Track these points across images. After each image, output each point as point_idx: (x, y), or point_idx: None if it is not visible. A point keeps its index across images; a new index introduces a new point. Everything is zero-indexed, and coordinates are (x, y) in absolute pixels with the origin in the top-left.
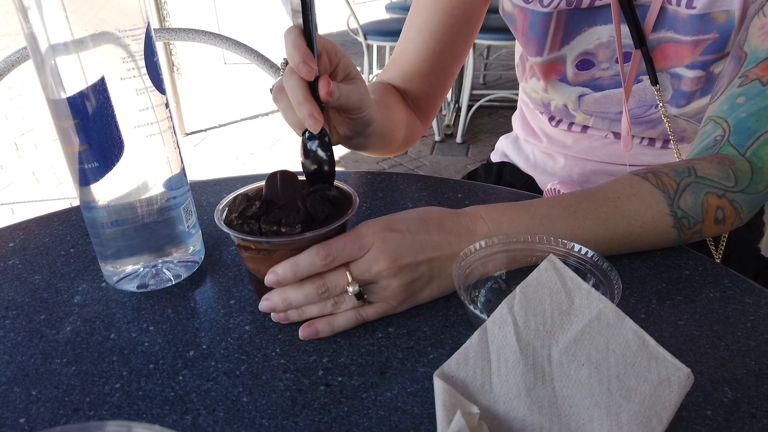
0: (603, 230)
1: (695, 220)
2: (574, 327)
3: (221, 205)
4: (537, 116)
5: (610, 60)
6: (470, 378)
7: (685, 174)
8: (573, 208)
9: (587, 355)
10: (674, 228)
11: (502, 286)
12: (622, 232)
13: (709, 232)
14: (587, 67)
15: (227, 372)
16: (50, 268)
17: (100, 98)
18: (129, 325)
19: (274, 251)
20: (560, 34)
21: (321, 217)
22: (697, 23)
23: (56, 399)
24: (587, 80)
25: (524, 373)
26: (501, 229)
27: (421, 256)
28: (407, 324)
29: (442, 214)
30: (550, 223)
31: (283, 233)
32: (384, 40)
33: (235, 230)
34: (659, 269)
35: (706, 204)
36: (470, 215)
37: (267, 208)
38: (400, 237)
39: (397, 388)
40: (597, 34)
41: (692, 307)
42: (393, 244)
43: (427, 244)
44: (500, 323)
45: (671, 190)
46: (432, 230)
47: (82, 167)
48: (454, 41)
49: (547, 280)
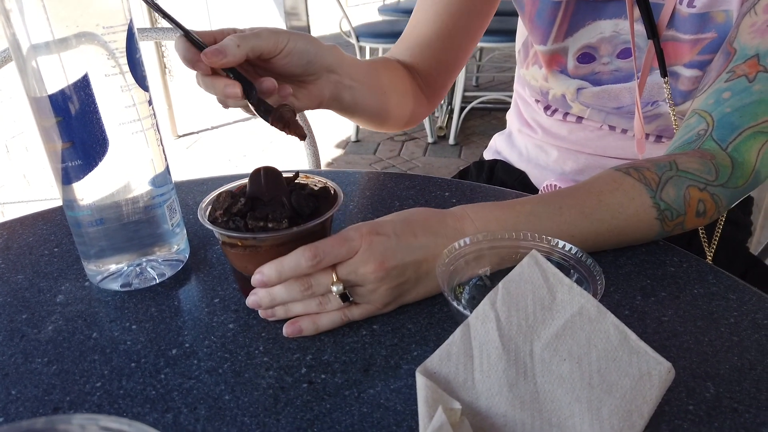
0: (588, 224)
1: (678, 212)
2: (556, 322)
3: (204, 203)
4: (532, 107)
5: (611, 55)
6: (453, 374)
7: (666, 168)
8: (558, 204)
9: (569, 350)
10: (657, 220)
11: (486, 283)
12: (606, 226)
13: (690, 225)
14: (588, 60)
15: (209, 370)
16: (33, 268)
17: (83, 96)
18: (111, 324)
19: (260, 247)
20: (566, 24)
21: (306, 212)
22: (697, 22)
23: (36, 398)
24: (587, 74)
25: (506, 368)
26: (488, 228)
27: (407, 259)
28: (392, 321)
29: (428, 216)
30: (536, 220)
31: (270, 228)
32: (377, 42)
33: (221, 227)
34: (644, 266)
35: (689, 196)
36: (457, 215)
37: (252, 204)
38: (387, 240)
39: (380, 385)
40: (600, 29)
41: (676, 303)
42: (380, 248)
43: (413, 247)
44: (483, 319)
45: (653, 183)
46: (418, 233)
47: (64, 166)
48: (469, 18)
49: (530, 276)
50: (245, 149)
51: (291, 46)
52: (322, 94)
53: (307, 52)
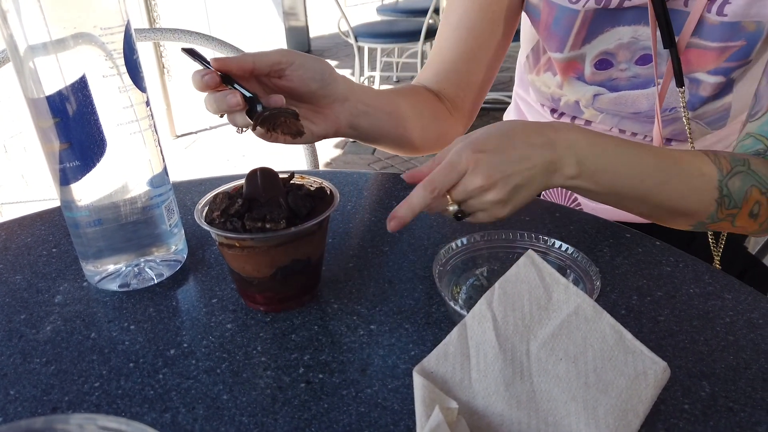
0: (659, 176)
1: (735, 203)
2: (552, 322)
3: (201, 204)
4: (537, 111)
5: (629, 61)
6: (449, 374)
7: (740, 162)
8: (638, 150)
9: (565, 350)
10: (716, 202)
11: (483, 283)
12: (674, 184)
13: (741, 222)
14: (605, 66)
15: (208, 370)
16: (31, 268)
17: (80, 97)
18: (110, 324)
19: (258, 248)
20: (584, 32)
21: (303, 213)
22: (727, 31)
23: (35, 398)
24: (604, 80)
25: (503, 368)
26: (579, 145)
27: (509, 170)
28: (389, 321)
29: (526, 128)
30: (620, 152)
31: (268, 229)
32: (375, 42)
33: (218, 228)
34: (640, 266)
35: (749, 194)
36: (553, 127)
37: (249, 205)
38: (490, 156)
39: (378, 384)
40: (618, 35)
41: (672, 302)
42: (485, 164)
43: (514, 159)
44: (479, 319)
45: (725, 169)
46: (518, 144)
47: (62, 166)
48: (493, 37)
49: (526, 276)
50: (244, 149)
51: (301, 61)
52: (338, 119)
53: (319, 69)
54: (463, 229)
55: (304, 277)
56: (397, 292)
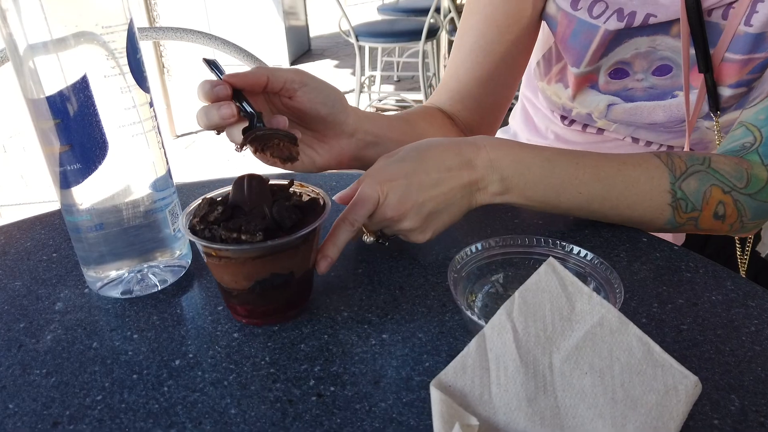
0: (599, 188)
1: (693, 206)
2: (575, 333)
3: (189, 209)
4: (546, 117)
5: (646, 71)
6: (468, 387)
7: (698, 162)
8: (576, 160)
9: (590, 363)
10: (670, 206)
11: (499, 290)
12: (616, 194)
13: (706, 225)
14: (621, 76)
15: (214, 382)
16: (31, 274)
17: (81, 97)
18: (112, 333)
19: (234, 259)
20: (602, 49)
21: (287, 225)
22: (752, 42)
23: (34, 412)
24: (619, 90)
25: (525, 382)
26: (501, 163)
27: (420, 198)
28: (401, 330)
29: (443, 149)
30: (549, 167)
31: (243, 241)
32: (376, 42)
33: (197, 236)
34: (659, 271)
35: (709, 194)
36: (473, 145)
37: (232, 213)
38: (399, 185)
39: (392, 398)
40: (636, 45)
41: (694, 310)
42: (395, 194)
43: (426, 185)
44: (499, 330)
45: (678, 170)
46: (431, 169)
47: (63, 169)
48: (510, 60)
49: (547, 284)
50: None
51: (315, 84)
52: (342, 152)
53: (331, 95)
54: (477, 234)
55: (286, 291)
56: (408, 299)
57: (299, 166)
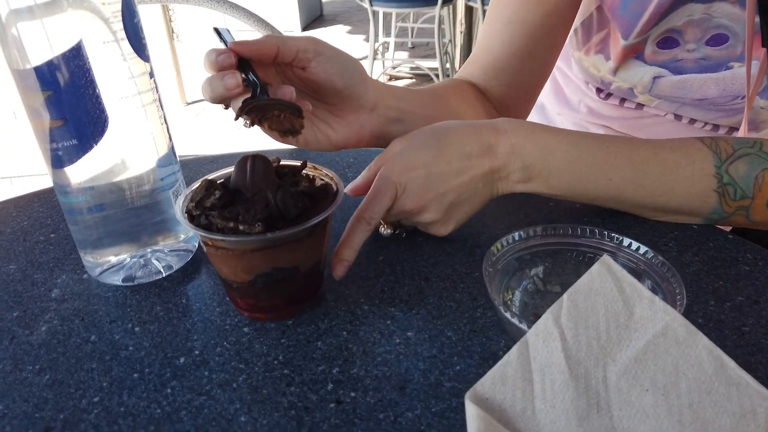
0: (632, 173)
1: (743, 193)
2: (635, 344)
3: (188, 191)
4: (578, 87)
5: (699, 41)
6: (509, 401)
7: (746, 144)
8: (607, 144)
9: (652, 379)
10: (716, 192)
11: (539, 286)
12: (652, 180)
13: (759, 216)
14: (670, 45)
15: (222, 384)
16: (27, 256)
17: (75, 67)
18: (112, 326)
19: (231, 250)
20: (656, 18)
21: (292, 214)
22: None
23: (26, 415)
24: (666, 60)
25: (575, 398)
26: (524, 149)
27: (442, 188)
28: (428, 328)
29: (462, 135)
30: (576, 152)
31: (241, 231)
32: (390, 7)
33: (193, 223)
34: (714, 264)
35: (761, 179)
36: (494, 129)
37: (231, 198)
38: (419, 175)
39: (420, 407)
40: (689, 11)
41: (757, 309)
42: (414, 186)
43: (447, 174)
44: (544, 337)
45: (724, 153)
46: (452, 158)
47: (56, 146)
48: (550, 34)
49: (601, 287)
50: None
51: (331, 53)
52: (362, 128)
53: (349, 66)
54: (508, 219)
55: (291, 286)
56: (435, 292)
57: (313, 144)
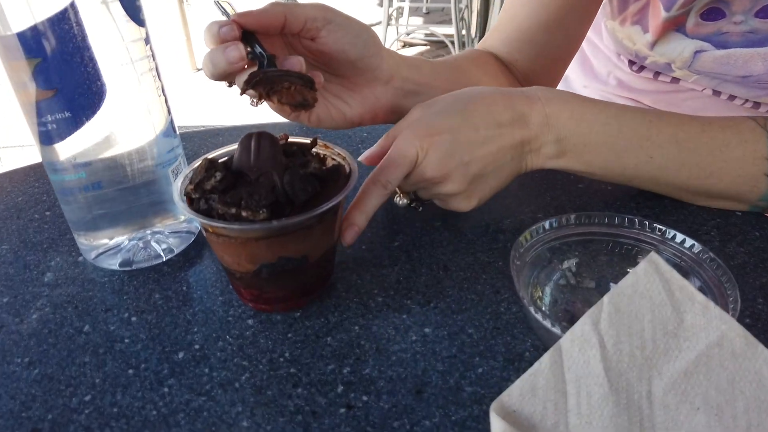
0: (675, 151)
1: None
2: (684, 355)
3: (188, 170)
4: (609, 60)
5: (747, 12)
6: (539, 416)
7: None
8: (650, 117)
9: (704, 396)
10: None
11: (571, 281)
12: (698, 160)
13: None
14: (715, 17)
15: (224, 383)
16: (20, 236)
17: (60, 31)
18: (107, 315)
19: (234, 239)
20: None
21: (301, 199)
22: None
23: (12, 414)
24: (710, 34)
25: (614, 414)
26: (558, 120)
27: (467, 157)
28: (447, 324)
29: (492, 101)
30: (616, 125)
31: (244, 218)
32: None
33: (192, 207)
34: (761, 256)
35: None
36: (527, 97)
37: (234, 181)
38: (444, 140)
39: (438, 414)
40: None
41: None
42: (438, 151)
43: (474, 143)
44: (581, 344)
45: None
46: (479, 124)
47: (46, 119)
48: (580, 6)
49: (647, 289)
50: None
51: (342, 21)
52: (378, 102)
53: (362, 35)
54: (533, 202)
55: (299, 277)
56: (454, 283)
57: (326, 122)
